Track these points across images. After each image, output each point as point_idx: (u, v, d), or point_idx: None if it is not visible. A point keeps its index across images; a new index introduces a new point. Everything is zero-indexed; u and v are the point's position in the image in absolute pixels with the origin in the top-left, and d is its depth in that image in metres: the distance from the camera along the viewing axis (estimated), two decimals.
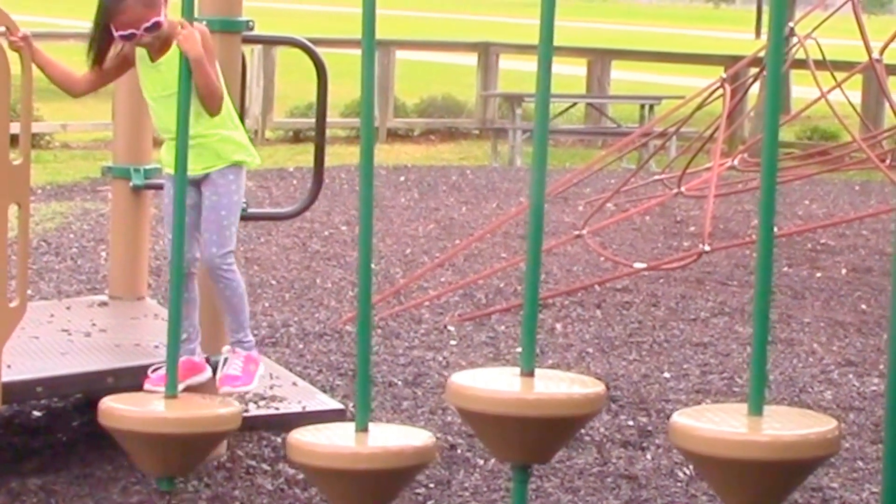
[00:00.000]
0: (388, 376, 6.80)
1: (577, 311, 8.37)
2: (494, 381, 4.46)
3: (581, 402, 4.42)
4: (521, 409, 4.32)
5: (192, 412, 4.64)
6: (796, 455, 4.01)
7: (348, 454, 4.32)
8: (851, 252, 10.63)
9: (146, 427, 4.55)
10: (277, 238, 10.25)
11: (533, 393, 4.39)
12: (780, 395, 6.83)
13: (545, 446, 4.48)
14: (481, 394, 4.34)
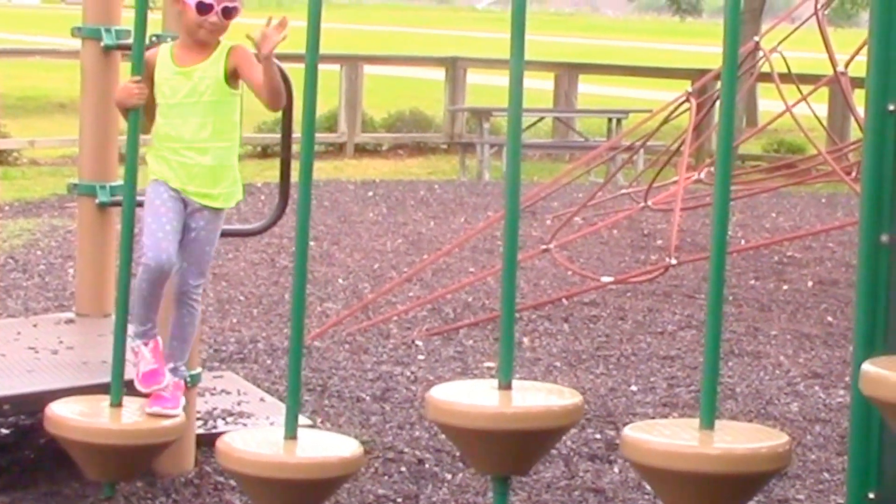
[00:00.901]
0: (356, 391, 6.81)
1: (544, 325, 8.39)
2: (473, 395, 4.48)
3: (559, 414, 4.46)
4: (501, 422, 4.36)
5: (136, 423, 4.67)
6: (747, 469, 4.05)
7: (274, 463, 4.36)
8: (818, 264, 10.70)
9: (89, 437, 4.60)
10: (246, 254, 10.24)
11: (511, 406, 4.42)
12: (747, 408, 6.86)
13: (524, 458, 4.51)
14: (460, 408, 4.37)
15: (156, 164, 4.88)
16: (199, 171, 4.83)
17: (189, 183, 4.84)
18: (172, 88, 4.81)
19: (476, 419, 4.35)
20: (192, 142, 4.82)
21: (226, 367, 7.09)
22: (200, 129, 4.82)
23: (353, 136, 18.16)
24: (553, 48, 37.77)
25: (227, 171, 4.91)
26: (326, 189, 14.17)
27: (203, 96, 4.80)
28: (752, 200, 12.95)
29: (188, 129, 4.79)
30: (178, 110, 4.82)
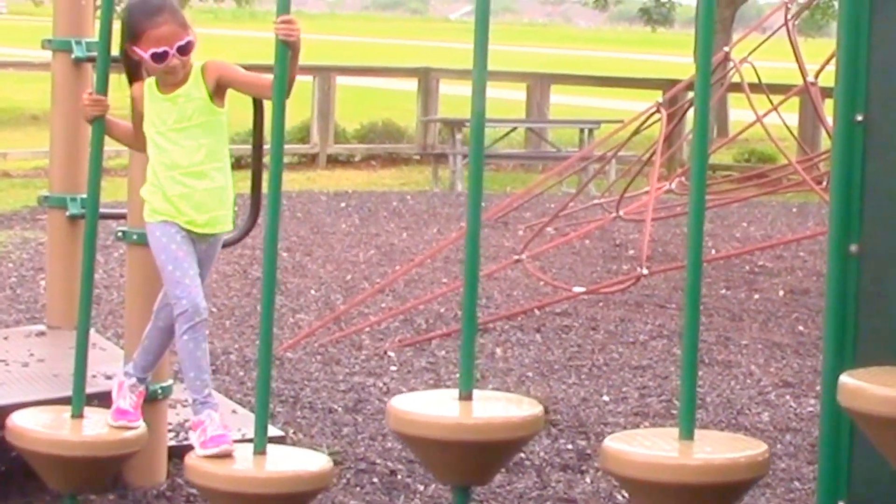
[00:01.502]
0: (328, 402, 6.81)
1: (517, 336, 8.40)
2: (433, 406, 4.49)
3: (519, 425, 4.46)
4: (460, 432, 4.36)
5: (97, 434, 4.67)
6: (727, 478, 4.06)
7: (244, 478, 4.37)
8: (789, 274, 10.74)
9: (50, 448, 4.60)
10: (218, 265, 10.21)
11: (471, 417, 4.43)
12: (718, 418, 6.88)
13: (485, 468, 4.52)
14: (420, 418, 4.38)
15: (159, 201, 4.73)
16: (201, 197, 4.71)
17: (197, 214, 4.72)
18: (161, 117, 4.72)
19: (436, 429, 4.36)
20: (189, 167, 4.70)
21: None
22: (195, 153, 4.71)
23: (325, 147, 18.17)
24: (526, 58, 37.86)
25: (228, 190, 4.82)
26: (299, 200, 14.16)
27: (192, 120, 4.71)
28: (723, 210, 13.01)
29: (183, 155, 4.69)
30: (169, 136, 4.72)
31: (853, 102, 4.82)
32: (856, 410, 4.24)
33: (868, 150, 4.81)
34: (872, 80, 4.78)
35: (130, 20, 4.68)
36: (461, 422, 4.40)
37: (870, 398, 4.15)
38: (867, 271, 4.85)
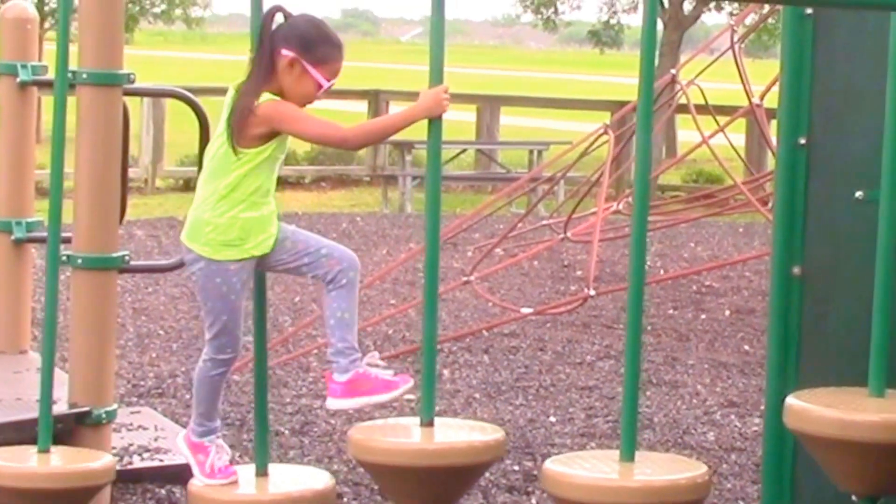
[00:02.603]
0: (274, 425, 6.79)
1: (464, 357, 8.42)
2: (395, 433, 4.49)
3: (482, 450, 4.47)
4: (423, 459, 4.37)
5: (65, 467, 4.62)
6: (667, 500, 4.08)
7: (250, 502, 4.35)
8: (735, 294, 10.81)
9: (18, 482, 4.53)
10: (165, 288, 10.19)
11: (434, 443, 4.44)
12: (664, 437, 6.92)
13: (447, 495, 4.52)
14: (383, 445, 4.38)
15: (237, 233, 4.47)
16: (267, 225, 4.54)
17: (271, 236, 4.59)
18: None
19: (398, 456, 4.37)
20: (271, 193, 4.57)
21: (144, 402, 7.06)
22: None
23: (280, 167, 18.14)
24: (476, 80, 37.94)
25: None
26: None
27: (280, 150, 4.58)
28: (671, 231, 13.08)
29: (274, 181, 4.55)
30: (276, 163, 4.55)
31: (796, 126, 4.87)
32: (802, 432, 4.27)
33: (811, 172, 4.86)
34: (815, 104, 4.84)
35: (319, 40, 4.50)
36: (423, 447, 4.42)
37: (816, 420, 4.18)
38: (810, 293, 4.89)
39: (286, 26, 4.54)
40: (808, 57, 4.81)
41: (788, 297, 4.92)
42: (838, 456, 4.21)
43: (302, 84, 4.51)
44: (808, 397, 4.30)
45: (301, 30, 4.51)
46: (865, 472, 4.19)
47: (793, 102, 4.86)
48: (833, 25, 4.78)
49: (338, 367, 4.64)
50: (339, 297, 4.64)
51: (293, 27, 4.53)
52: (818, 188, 4.86)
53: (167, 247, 12.15)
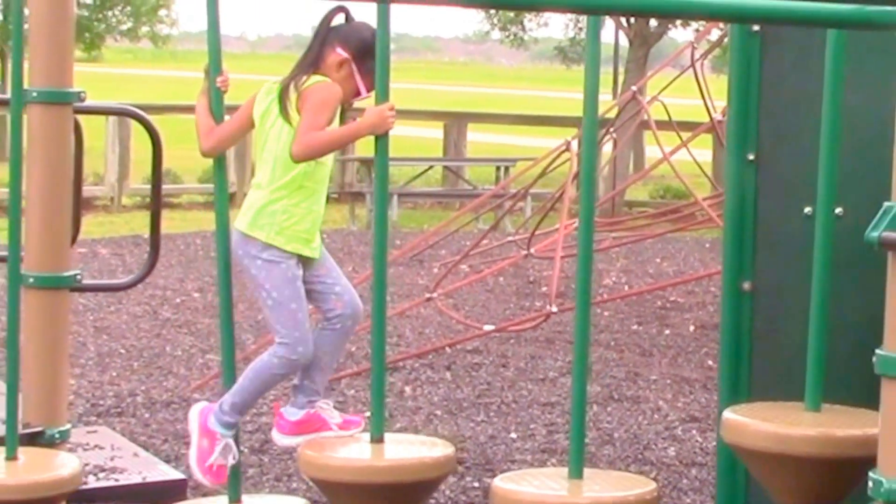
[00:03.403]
0: None
1: (426, 374, 8.42)
2: (345, 450, 4.50)
3: (432, 466, 4.48)
4: (373, 476, 4.38)
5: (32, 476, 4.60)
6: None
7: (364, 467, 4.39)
8: (700, 309, 10.84)
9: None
10: (128, 306, 10.17)
11: (383, 459, 4.45)
12: (625, 453, 6.93)
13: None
14: (332, 462, 4.39)
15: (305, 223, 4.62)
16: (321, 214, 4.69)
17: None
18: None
19: (348, 473, 4.38)
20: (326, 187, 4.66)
21: (102, 421, 7.04)
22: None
23: (242, 185, 18.12)
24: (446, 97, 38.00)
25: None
26: (213, 239, 14.08)
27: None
28: (637, 246, 13.11)
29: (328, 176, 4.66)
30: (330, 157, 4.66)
31: (745, 142, 4.90)
32: (739, 446, 4.31)
33: (760, 188, 4.89)
34: (763, 120, 4.87)
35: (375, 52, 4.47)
36: (372, 464, 4.42)
37: (752, 434, 4.22)
38: (760, 308, 4.92)
39: (347, 27, 4.63)
40: (756, 73, 4.84)
41: (739, 312, 4.95)
42: (775, 470, 4.24)
43: (344, 86, 4.60)
44: (745, 412, 4.34)
45: (362, 35, 4.60)
46: (801, 486, 4.23)
47: (741, 119, 4.89)
48: (780, 42, 4.81)
49: (294, 402, 4.66)
50: (327, 340, 4.68)
51: (356, 31, 4.62)
52: (767, 204, 4.89)
53: (132, 265, 12.12)
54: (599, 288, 11.50)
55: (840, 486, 4.15)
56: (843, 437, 4.03)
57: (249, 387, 4.64)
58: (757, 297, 4.90)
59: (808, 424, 4.19)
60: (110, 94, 27.99)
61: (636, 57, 19.12)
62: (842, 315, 4.39)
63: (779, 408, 4.36)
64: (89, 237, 13.84)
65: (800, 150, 4.81)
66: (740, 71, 4.89)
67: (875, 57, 4.28)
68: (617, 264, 13.06)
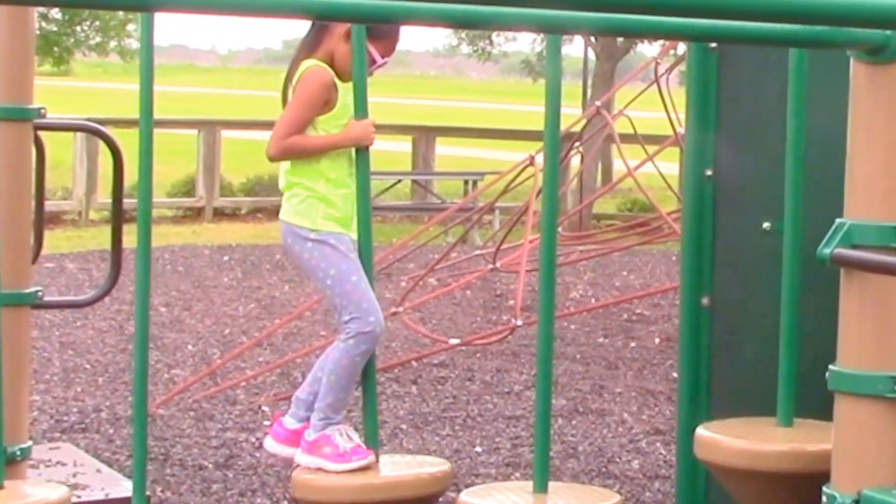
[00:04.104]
0: (198, 459, 6.79)
1: (392, 388, 8.44)
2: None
3: (429, 482, 4.53)
4: (371, 493, 4.42)
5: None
6: None
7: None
8: (665, 321, 10.88)
9: None
10: (94, 321, 10.16)
11: (380, 477, 4.48)
12: (589, 466, 6.96)
13: None
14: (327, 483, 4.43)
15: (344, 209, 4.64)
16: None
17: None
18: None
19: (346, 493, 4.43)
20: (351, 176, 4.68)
21: (66, 437, 7.03)
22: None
23: (211, 200, 18.13)
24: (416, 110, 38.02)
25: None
26: (182, 254, 14.12)
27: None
28: (604, 259, 13.16)
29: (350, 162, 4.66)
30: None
31: (702, 158, 4.95)
32: (712, 462, 4.34)
33: (718, 204, 4.94)
34: (721, 137, 4.92)
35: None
36: (369, 482, 4.46)
37: (725, 450, 4.25)
38: (719, 322, 4.97)
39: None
40: (713, 90, 4.89)
41: (698, 327, 5.00)
42: (748, 485, 4.28)
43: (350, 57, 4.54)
44: (718, 428, 4.37)
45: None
46: (775, 501, 4.26)
47: (698, 135, 4.94)
48: (737, 59, 4.86)
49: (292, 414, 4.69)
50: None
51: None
52: (725, 219, 4.94)
53: (98, 280, 12.08)
54: (566, 301, 11.54)
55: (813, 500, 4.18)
56: (814, 452, 4.07)
57: (337, 382, 4.57)
58: (715, 311, 4.95)
59: (780, 440, 4.23)
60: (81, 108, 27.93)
61: (603, 71, 19.21)
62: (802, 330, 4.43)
63: (751, 423, 4.40)
64: (57, 251, 13.82)
65: (757, 166, 4.86)
66: (698, 88, 4.94)
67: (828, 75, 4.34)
68: (584, 277, 13.10)
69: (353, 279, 4.54)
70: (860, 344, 3.40)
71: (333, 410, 4.61)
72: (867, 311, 3.39)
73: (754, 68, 4.84)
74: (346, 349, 4.55)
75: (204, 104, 42.41)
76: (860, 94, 3.43)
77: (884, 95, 3.39)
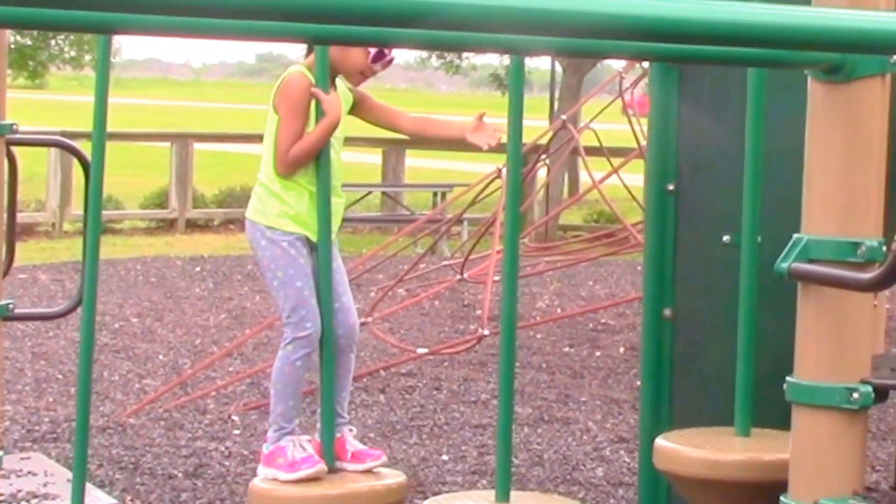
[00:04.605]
0: (168, 468, 6.87)
1: (361, 397, 8.53)
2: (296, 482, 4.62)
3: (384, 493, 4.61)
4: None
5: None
6: None
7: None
8: (630, 331, 11.01)
9: None
10: (66, 332, 10.22)
11: (335, 488, 4.56)
12: (554, 474, 7.06)
13: None
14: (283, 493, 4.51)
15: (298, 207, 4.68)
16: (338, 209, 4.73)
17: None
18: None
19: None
20: (337, 179, 4.71)
21: (38, 447, 7.10)
22: (341, 167, 4.76)
23: (183, 211, 18.20)
24: None
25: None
26: (154, 265, 14.18)
27: (342, 132, 4.75)
28: (570, 269, 13.28)
29: (337, 167, 4.71)
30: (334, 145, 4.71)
31: (664, 173, 5.05)
32: (671, 472, 4.42)
33: (680, 218, 5.04)
34: (682, 152, 5.03)
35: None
36: (326, 493, 4.55)
37: (684, 460, 4.32)
38: (681, 334, 5.07)
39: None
40: (675, 106, 5.00)
41: (660, 338, 5.10)
42: (707, 495, 4.37)
43: (349, 55, 4.66)
44: (677, 438, 4.45)
45: None
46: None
47: (660, 150, 5.05)
48: (698, 76, 4.97)
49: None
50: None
51: None
52: (687, 233, 5.04)
53: (71, 291, 12.15)
54: (532, 311, 11.66)
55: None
56: (771, 462, 4.13)
57: (283, 390, 4.65)
58: (677, 323, 5.04)
59: (738, 449, 4.30)
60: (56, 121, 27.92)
61: (569, 85, 19.37)
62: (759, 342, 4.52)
63: (709, 433, 4.47)
64: (30, 263, 13.88)
65: (717, 181, 4.96)
66: (660, 104, 5.05)
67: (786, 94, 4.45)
68: (550, 287, 13.23)
69: (297, 284, 4.62)
70: (817, 356, 3.45)
71: (285, 419, 4.69)
72: (824, 324, 3.44)
73: (715, 85, 4.94)
74: (285, 356, 4.65)
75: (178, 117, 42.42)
76: (817, 113, 3.49)
77: (840, 114, 3.43)
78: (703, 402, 4.97)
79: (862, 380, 3.42)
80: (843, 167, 3.45)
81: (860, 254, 3.39)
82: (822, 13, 2.81)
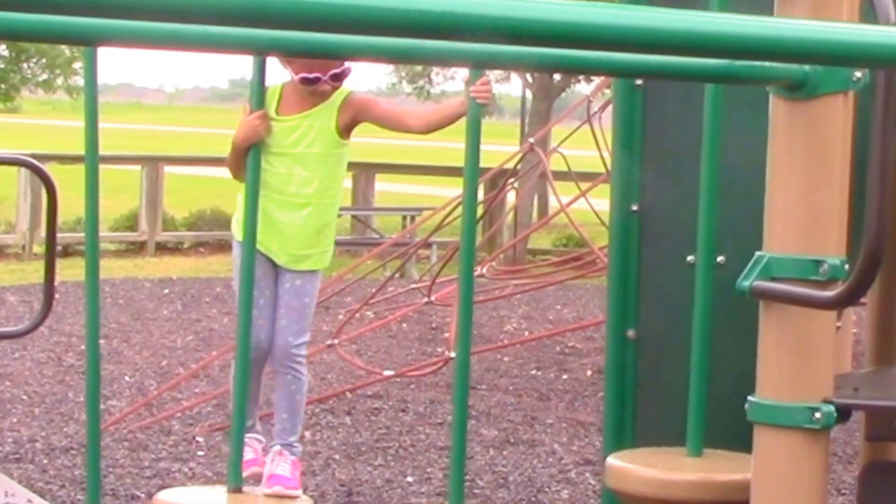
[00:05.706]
0: (131, 489, 6.84)
1: (326, 419, 8.51)
2: (199, 500, 4.61)
3: None
4: None
5: None
6: None
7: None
8: (597, 354, 11.01)
9: None
10: (32, 352, 10.18)
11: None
12: (519, 496, 7.06)
13: None
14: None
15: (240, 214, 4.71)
16: (295, 231, 4.72)
17: (283, 248, 4.74)
18: (275, 136, 4.72)
19: None
20: (294, 196, 4.69)
21: (0, 467, 7.05)
22: (306, 185, 4.71)
23: (153, 234, 18.17)
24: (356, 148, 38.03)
25: (328, 230, 4.84)
26: (122, 287, 14.14)
27: (311, 147, 4.73)
28: (538, 293, 13.29)
29: (293, 182, 4.70)
30: (282, 160, 4.72)
31: (628, 193, 5.05)
32: (622, 491, 4.41)
33: (643, 238, 5.04)
34: (646, 172, 5.03)
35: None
36: None
37: (635, 479, 4.32)
38: (644, 356, 5.06)
39: None
40: (639, 126, 5.00)
41: (623, 359, 5.08)
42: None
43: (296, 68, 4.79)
44: (628, 457, 4.44)
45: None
46: None
47: (624, 170, 5.05)
48: (662, 96, 4.98)
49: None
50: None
51: None
52: (650, 253, 5.04)
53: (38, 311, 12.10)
54: (500, 334, 11.67)
55: None
56: (723, 482, 4.12)
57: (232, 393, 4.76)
58: (641, 344, 5.03)
59: (689, 470, 4.29)
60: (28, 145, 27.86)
61: (539, 110, 19.44)
62: (723, 362, 4.52)
63: (661, 453, 4.47)
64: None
65: (681, 201, 4.95)
66: (624, 124, 5.05)
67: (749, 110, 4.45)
68: (518, 311, 13.23)
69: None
70: (779, 375, 3.43)
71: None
72: (785, 343, 3.42)
73: (679, 104, 4.94)
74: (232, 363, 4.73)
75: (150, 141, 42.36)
76: (779, 130, 3.48)
77: (802, 131, 3.43)
78: (667, 423, 4.96)
79: (824, 399, 3.40)
80: (806, 184, 3.45)
81: (822, 272, 3.37)
82: (784, 23, 2.79)
